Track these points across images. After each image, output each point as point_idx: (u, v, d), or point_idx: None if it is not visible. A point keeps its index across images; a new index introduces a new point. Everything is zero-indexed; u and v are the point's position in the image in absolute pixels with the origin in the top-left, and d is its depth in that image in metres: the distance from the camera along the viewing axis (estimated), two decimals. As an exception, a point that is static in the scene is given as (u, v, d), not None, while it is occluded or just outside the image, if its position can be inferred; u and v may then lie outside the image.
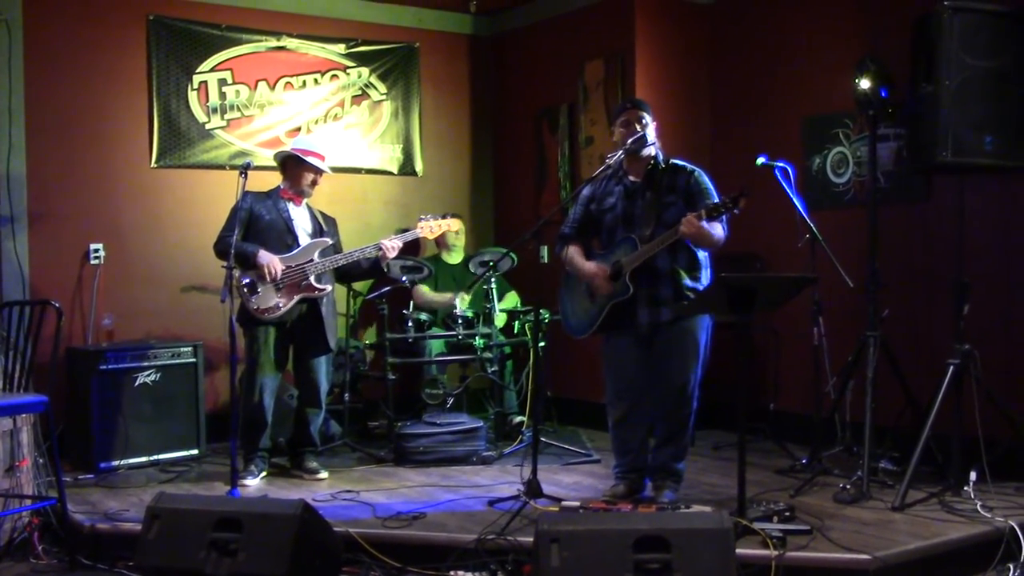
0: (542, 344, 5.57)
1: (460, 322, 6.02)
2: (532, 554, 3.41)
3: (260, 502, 4.23)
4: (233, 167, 6.16)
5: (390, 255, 5.26)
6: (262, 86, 6.51)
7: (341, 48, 6.83)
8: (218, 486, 4.97)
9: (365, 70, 6.93)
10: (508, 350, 6.31)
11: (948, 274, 4.76)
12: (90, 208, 5.94)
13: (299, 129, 6.59)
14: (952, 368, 4.52)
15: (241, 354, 5.04)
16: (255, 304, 5.05)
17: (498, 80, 7.50)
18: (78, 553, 4.18)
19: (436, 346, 6.15)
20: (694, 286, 4.40)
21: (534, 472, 4.46)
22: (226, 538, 3.50)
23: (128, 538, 4.03)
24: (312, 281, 5.12)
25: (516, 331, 6.30)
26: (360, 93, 6.92)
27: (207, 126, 6.32)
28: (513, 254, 5.62)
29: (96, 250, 5.92)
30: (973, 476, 4.43)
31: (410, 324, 6.05)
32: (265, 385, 5.13)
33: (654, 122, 4.51)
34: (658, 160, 4.51)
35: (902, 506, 4.27)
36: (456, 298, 6.13)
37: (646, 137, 4.43)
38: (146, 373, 5.53)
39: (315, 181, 5.29)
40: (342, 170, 6.61)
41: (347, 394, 5.92)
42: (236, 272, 4.89)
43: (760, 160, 5.13)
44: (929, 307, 5.23)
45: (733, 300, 3.92)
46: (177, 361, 5.65)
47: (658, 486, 4.52)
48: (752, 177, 4.85)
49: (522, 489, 4.46)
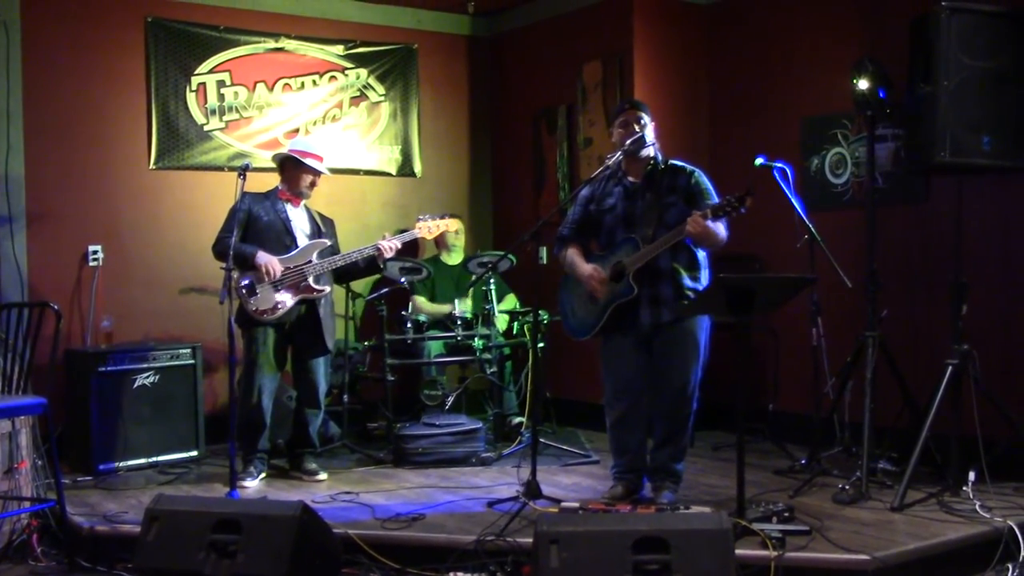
0: (541, 345, 5.57)
1: (459, 323, 6.03)
2: (531, 555, 3.41)
3: (259, 503, 4.22)
4: (232, 168, 6.16)
5: (387, 255, 5.26)
6: (260, 87, 6.51)
7: (339, 49, 6.83)
8: (217, 488, 4.98)
9: (363, 71, 6.93)
10: (507, 351, 6.31)
11: (946, 274, 4.77)
12: (89, 210, 5.94)
13: (298, 130, 6.59)
14: (951, 368, 4.53)
15: (240, 355, 5.04)
16: (254, 306, 5.05)
17: (496, 81, 7.50)
18: (77, 555, 4.17)
19: (435, 347, 6.14)
20: (694, 286, 4.40)
21: (533, 473, 4.46)
22: (225, 540, 3.50)
23: (127, 540, 4.03)
24: (311, 282, 5.12)
25: (515, 332, 6.30)
26: (358, 94, 6.92)
27: (205, 128, 6.32)
28: (512, 255, 5.62)
29: (95, 252, 5.92)
30: (972, 476, 4.43)
31: (409, 325, 6.05)
32: (264, 386, 5.13)
33: (652, 123, 4.51)
34: (657, 161, 4.51)
35: (901, 506, 4.27)
36: (454, 309, 6.12)
37: (645, 138, 4.43)
38: (145, 375, 5.53)
39: (314, 182, 5.29)
40: (341, 171, 6.61)
41: (346, 395, 5.92)
42: (235, 274, 4.88)
43: (759, 161, 5.13)
44: (928, 307, 5.23)
45: (732, 301, 3.93)
46: (176, 363, 5.65)
47: (657, 487, 4.51)
48: (751, 178, 4.85)
49: (521, 490, 4.46)
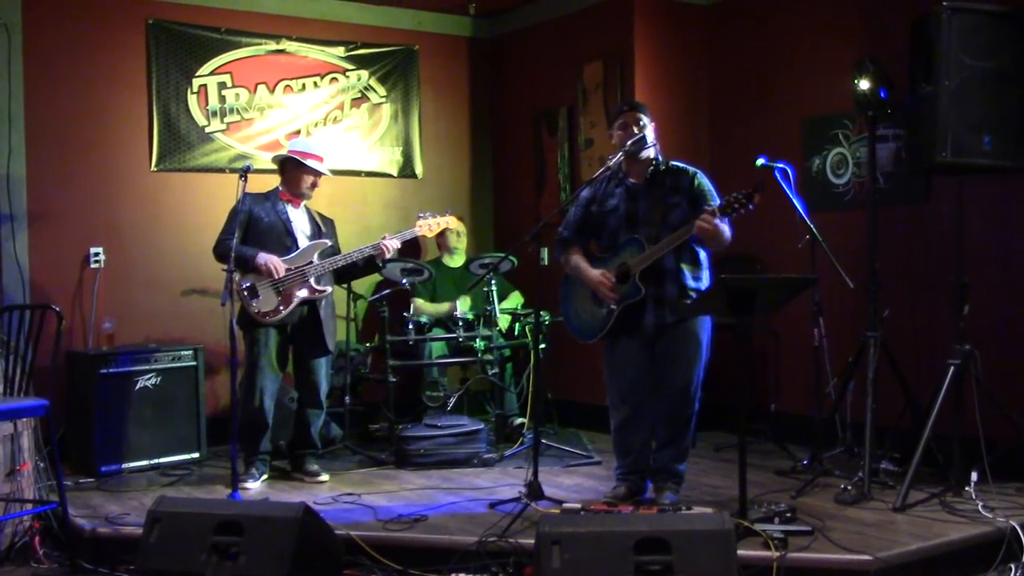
0: (542, 346, 5.57)
1: (460, 324, 6.03)
2: (533, 556, 3.41)
3: (261, 505, 4.22)
4: (233, 170, 6.17)
5: (387, 254, 5.26)
6: (262, 89, 6.51)
7: (340, 51, 6.83)
8: (219, 489, 4.98)
9: (364, 73, 6.93)
10: (508, 352, 6.30)
11: (948, 274, 4.76)
12: (90, 211, 5.94)
13: (299, 132, 6.60)
14: (952, 368, 4.52)
15: (241, 357, 5.04)
16: (256, 308, 5.05)
17: (497, 82, 7.50)
18: (79, 557, 4.17)
19: (437, 348, 6.14)
20: (697, 286, 4.40)
21: (535, 474, 4.45)
22: (227, 541, 3.50)
23: (129, 542, 4.03)
24: (312, 283, 5.12)
25: (516, 333, 6.30)
26: (360, 96, 6.92)
27: (207, 129, 6.32)
28: (513, 256, 5.62)
29: (96, 253, 5.92)
30: (974, 476, 4.43)
31: (410, 326, 6.05)
32: (265, 388, 5.13)
33: (652, 123, 4.51)
34: (659, 161, 4.51)
35: (903, 507, 4.27)
36: (455, 308, 6.12)
37: (645, 139, 4.43)
38: (146, 376, 5.53)
39: (315, 183, 5.29)
40: (342, 173, 6.61)
41: (347, 397, 5.92)
42: (236, 276, 4.88)
43: (760, 161, 5.12)
44: (929, 307, 5.22)
45: (733, 301, 3.93)
46: (177, 364, 5.65)
47: (659, 488, 4.51)
48: (752, 178, 4.83)
49: (523, 491, 4.45)
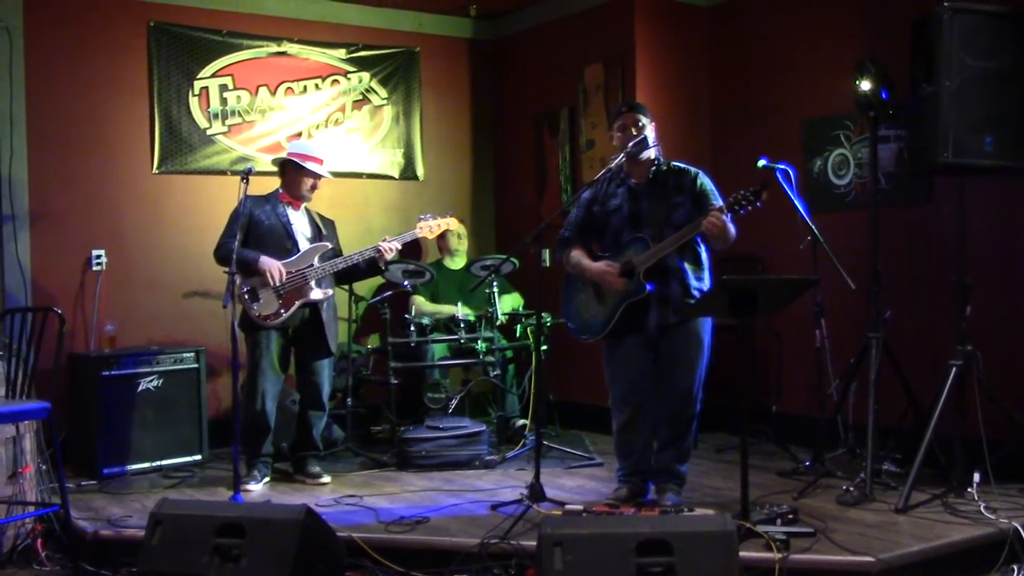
0: (544, 348, 5.56)
1: (462, 326, 6.02)
2: (535, 558, 3.40)
3: (263, 507, 4.22)
4: (234, 173, 6.17)
5: (388, 256, 5.26)
6: (263, 91, 6.51)
7: (342, 53, 6.83)
8: (221, 491, 4.98)
9: (366, 75, 6.93)
10: (510, 354, 6.30)
11: (950, 275, 4.76)
12: (92, 214, 5.95)
13: (300, 134, 6.60)
14: (954, 369, 4.52)
15: (243, 359, 5.04)
16: (257, 311, 5.05)
17: (498, 84, 7.50)
18: (81, 559, 4.17)
19: (438, 350, 6.14)
20: (699, 286, 4.41)
21: (537, 476, 4.45)
22: (229, 544, 3.50)
23: (131, 544, 4.03)
24: (313, 285, 5.12)
25: (518, 335, 6.30)
26: (361, 98, 6.92)
27: (208, 132, 6.33)
28: (514, 258, 5.62)
29: (98, 256, 5.93)
30: (976, 478, 4.42)
31: (412, 328, 6.05)
32: (267, 390, 5.13)
33: (653, 124, 4.51)
34: (660, 162, 4.51)
35: (905, 508, 4.27)
36: (457, 307, 6.12)
37: (646, 140, 4.43)
38: (148, 379, 5.53)
39: (315, 185, 5.28)
40: (343, 175, 6.62)
41: (349, 399, 5.92)
42: (237, 279, 4.88)
43: (761, 162, 5.12)
44: (931, 308, 5.22)
45: (735, 302, 3.93)
46: (179, 367, 5.65)
47: (661, 489, 4.51)
48: (754, 179, 4.83)
49: (525, 493, 4.45)
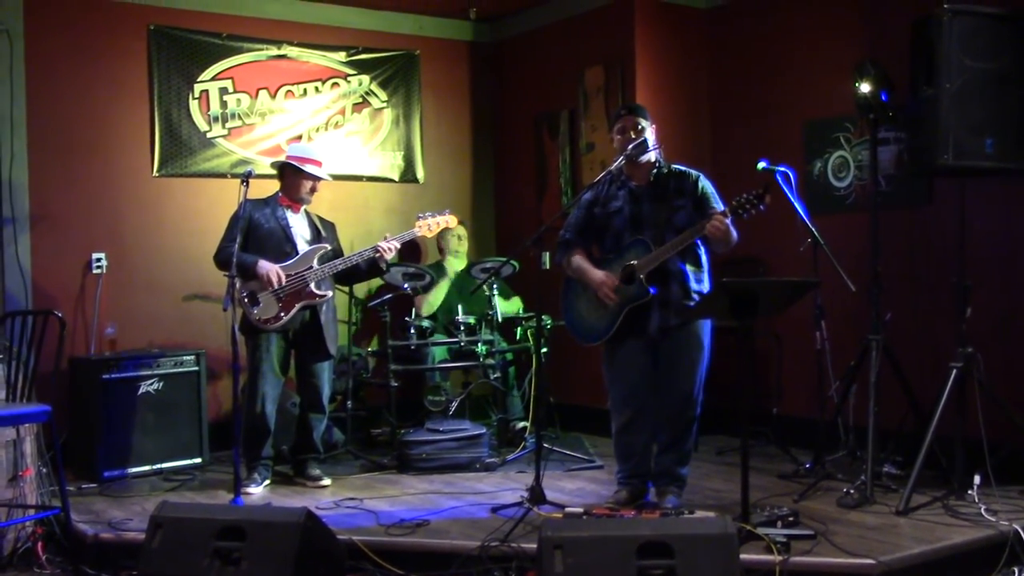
0: (544, 350, 5.56)
1: (462, 329, 6.02)
2: (536, 561, 3.40)
3: (263, 510, 4.22)
4: (235, 175, 6.17)
5: (388, 256, 5.26)
6: (263, 94, 6.52)
7: (342, 56, 6.84)
8: (221, 494, 4.98)
9: (366, 78, 6.93)
10: (510, 356, 6.30)
11: (950, 277, 4.76)
12: (92, 217, 5.95)
13: (300, 137, 6.60)
14: (955, 371, 4.52)
15: (243, 362, 5.04)
16: (257, 315, 5.05)
17: (498, 87, 7.50)
18: (82, 562, 4.17)
19: (438, 353, 6.14)
20: (699, 289, 4.41)
21: (537, 478, 4.44)
22: (229, 547, 3.50)
23: (131, 547, 4.03)
24: (312, 288, 5.12)
25: (518, 337, 6.30)
26: (361, 101, 6.92)
27: (208, 135, 6.33)
28: (515, 261, 5.62)
29: (98, 259, 5.93)
30: (977, 480, 4.42)
31: (412, 331, 6.05)
32: (267, 393, 5.13)
33: (653, 126, 4.51)
34: (661, 164, 4.51)
35: (906, 510, 4.27)
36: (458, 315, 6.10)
37: (646, 143, 4.43)
38: (149, 382, 5.53)
39: (314, 188, 5.28)
40: (343, 178, 6.62)
41: (350, 401, 5.92)
42: (237, 283, 4.88)
43: (761, 165, 5.12)
44: (931, 310, 5.22)
45: (735, 305, 3.92)
46: (180, 370, 5.65)
47: (661, 491, 4.51)
48: (754, 182, 4.84)
49: (525, 495, 4.45)
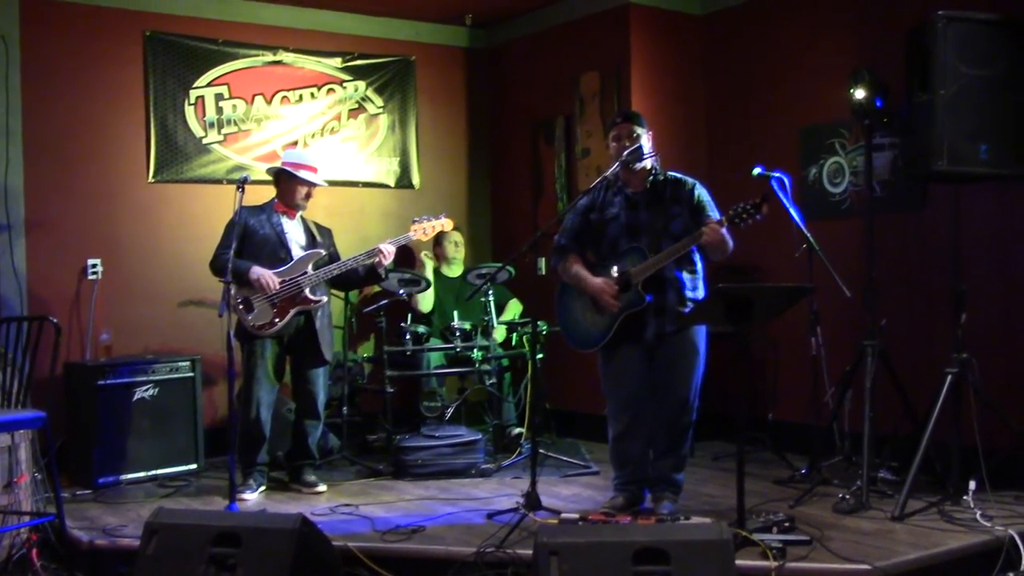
0: (540, 356, 5.56)
1: (458, 334, 6.02)
2: (531, 567, 3.40)
3: (259, 517, 4.22)
4: (230, 181, 6.16)
5: (386, 260, 5.25)
6: (259, 100, 6.52)
7: (337, 62, 6.84)
8: (217, 501, 4.97)
9: (362, 84, 6.94)
10: (506, 362, 6.30)
11: (945, 282, 4.77)
12: (87, 223, 5.94)
13: (296, 143, 6.60)
14: (950, 377, 4.53)
15: (239, 368, 5.03)
16: (252, 321, 5.05)
17: (494, 92, 7.51)
18: (77, 569, 4.17)
19: (434, 359, 6.14)
20: (694, 296, 4.42)
21: (533, 484, 4.44)
22: (225, 553, 3.48)
23: (126, 554, 4.02)
24: (307, 293, 5.12)
25: (514, 343, 6.29)
26: (357, 106, 6.93)
27: (204, 141, 6.33)
28: (511, 266, 5.61)
29: (94, 265, 5.92)
30: (972, 485, 4.42)
31: (408, 337, 6.04)
32: (262, 399, 5.13)
33: (649, 133, 4.51)
34: (657, 171, 4.51)
35: (902, 516, 4.27)
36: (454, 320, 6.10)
37: (642, 149, 4.43)
38: (144, 388, 5.52)
39: (309, 194, 5.29)
40: (339, 183, 6.62)
41: (345, 407, 5.91)
42: (232, 289, 4.87)
43: (757, 170, 5.13)
44: (927, 316, 5.23)
45: (731, 310, 3.93)
46: (175, 376, 5.64)
47: (657, 497, 4.51)
48: (750, 188, 4.85)
49: (521, 501, 4.44)
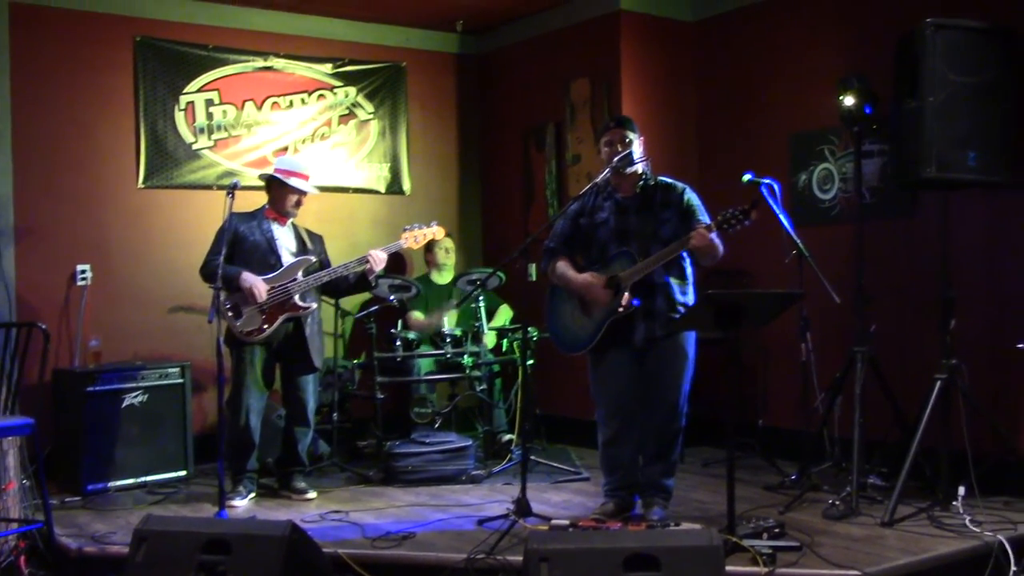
0: (531, 362, 5.56)
1: (448, 340, 6.02)
2: (522, 573, 3.40)
3: (248, 524, 4.20)
4: (220, 187, 6.17)
5: (377, 267, 5.25)
6: (249, 106, 6.51)
7: (328, 68, 6.84)
8: (206, 508, 4.95)
9: (352, 89, 6.94)
10: (497, 368, 6.30)
11: (934, 289, 4.79)
12: (77, 229, 5.92)
13: (286, 149, 6.59)
14: (939, 383, 4.54)
15: (228, 375, 5.02)
16: (241, 327, 5.04)
17: (485, 99, 7.52)
18: (65, 576, 4.16)
19: (425, 365, 6.13)
20: (684, 300, 4.42)
21: (523, 491, 4.43)
22: (214, 560, 3.47)
23: (115, 561, 4.00)
24: (296, 300, 5.11)
25: (504, 349, 6.29)
26: (347, 112, 6.93)
27: (194, 146, 6.32)
28: (501, 272, 5.62)
29: (83, 271, 5.90)
30: (962, 491, 4.44)
31: (398, 343, 6.04)
32: (251, 406, 5.11)
33: (641, 138, 4.52)
34: (648, 176, 4.52)
35: (891, 522, 4.28)
36: (444, 316, 6.12)
37: (632, 154, 4.44)
38: (133, 394, 5.50)
39: (299, 201, 5.28)
40: (329, 189, 6.62)
41: (335, 413, 5.90)
42: (221, 295, 4.87)
43: (746, 177, 5.13)
44: (916, 322, 5.24)
45: (721, 316, 3.94)
46: (164, 382, 5.62)
47: (647, 503, 4.51)
48: (740, 194, 4.86)
49: (511, 508, 4.43)
